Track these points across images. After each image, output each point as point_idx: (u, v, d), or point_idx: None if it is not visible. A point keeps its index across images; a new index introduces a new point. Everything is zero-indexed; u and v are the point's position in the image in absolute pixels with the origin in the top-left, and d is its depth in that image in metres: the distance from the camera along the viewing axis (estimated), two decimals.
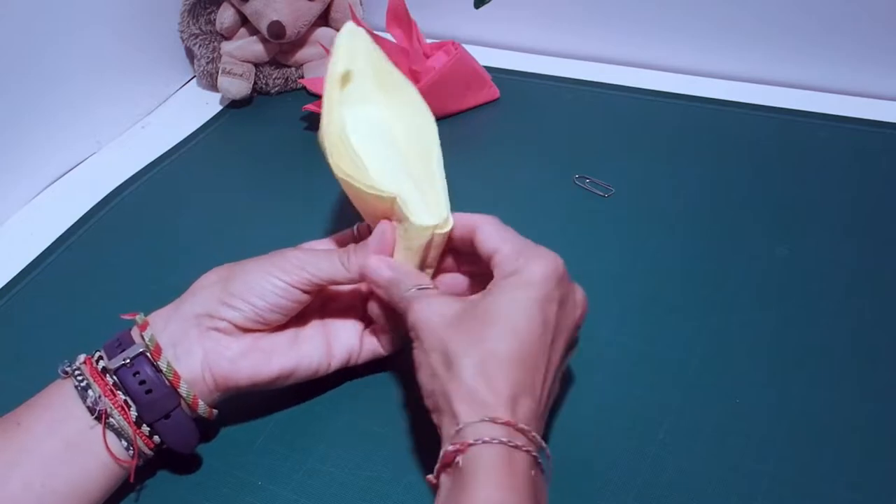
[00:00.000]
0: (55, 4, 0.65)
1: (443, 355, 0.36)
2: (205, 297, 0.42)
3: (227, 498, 0.42)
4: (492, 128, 0.72)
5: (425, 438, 0.44)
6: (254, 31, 0.76)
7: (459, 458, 0.33)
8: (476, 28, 0.84)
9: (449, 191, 0.45)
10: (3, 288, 0.58)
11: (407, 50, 0.68)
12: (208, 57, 0.77)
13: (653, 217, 0.59)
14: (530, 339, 0.36)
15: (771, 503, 0.40)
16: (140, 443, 0.40)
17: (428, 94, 0.69)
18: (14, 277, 0.58)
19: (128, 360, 0.40)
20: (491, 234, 0.40)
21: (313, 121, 0.73)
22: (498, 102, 0.74)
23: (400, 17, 0.70)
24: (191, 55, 0.81)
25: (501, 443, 0.33)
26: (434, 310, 0.38)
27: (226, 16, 0.76)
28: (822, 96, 0.71)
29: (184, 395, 0.40)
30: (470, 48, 0.72)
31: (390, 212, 0.43)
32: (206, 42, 0.77)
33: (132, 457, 0.40)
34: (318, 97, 0.71)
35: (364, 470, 0.43)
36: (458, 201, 0.45)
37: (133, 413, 0.39)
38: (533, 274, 0.37)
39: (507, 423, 0.33)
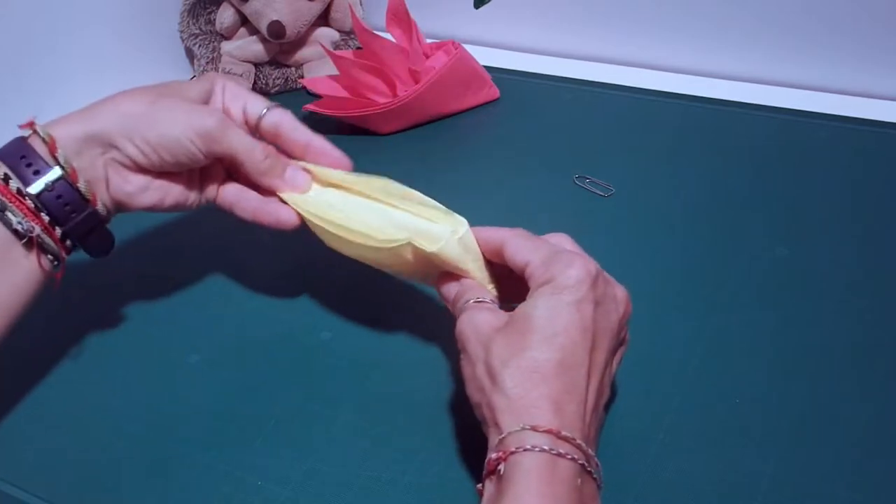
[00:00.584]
0: (55, 4, 0.65)
1: (486, 366, 0.36)
2: (118, 126, 0.43)
3: (227, 498, 0.42)
4: (492, 128, 0.72)
5: (426, 438, 0.44)
6: (254, 31, 0.76)
7: (501, 466, 0.33)
8: (476, 28, 0.84)
9: (449, 192, 0.45)
10: None
11: (407, 50, 0.68)
12: (208, 57, 0.77)
13: (653, 217, 0.59)
14: (569, 344, 0.35)
15: (771, 503, 0.40)
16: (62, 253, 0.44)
17: (428, 94, 0.70)
18: None
19: (50, 184, 0.42)
20: (519, 246, 0.40)
21: (313, 121, 0.73)
22: (498, 102, 0.74)
23: (400, 17, 0.70)
24: (191, 55, 0.81)
25: (543, 450, 0.32)
26: (478, 321, 0.38)
27: (226, 16, 0.76)
28: (822, 96, 0.71)
29: (101, 213, 0.44)
30: (470, 48, 0.72)
31: (417, 255, 0.43)
32: (206, 42, 0.77)
33: (57, 269, 0.44)
34: (318, 97, 0.71)
35: (364, 470, 0.43)
36: (459, 201, 0.45)
37: (58, 231, 0.43)
38: (567, 279, 0.36)
39: (548, 431, 0.33)
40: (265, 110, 0.48)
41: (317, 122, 0.73)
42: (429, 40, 0.74)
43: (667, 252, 0.55)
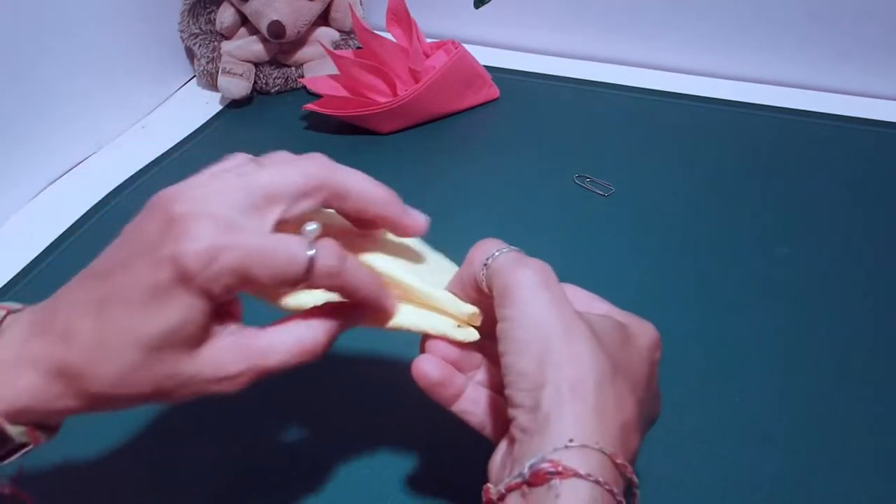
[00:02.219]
0: (56, 5, 0.65)
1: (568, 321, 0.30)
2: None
3: (228, 497, 0.42)
4: (492, 128, 0.72)
5: (426, 436, 0.44)
6: (254, 30, 0.76)
7: (556, 483, 0.27)
8: (476, 28, 0.84)
9: (449, 192, 0.45)
10: (2, 287, 0.58)
11: (407, 50, 0.68)
12: (208, 56, 0.77)
13: (653, 217, 0.59)
14: (647, 390, 0.33)
15: (771, 502, 0.40)
16: None
17: (428, 94, 0.70)
18: (14, 277, 0.58)
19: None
20: (577, 296, 0.36)
21: (313, 120, 0.73)
22: (498, 102, 0.74)
23: (400, 17, 0.70)
24: (191, 55, 0.81)
25: (608, 490, 0.28)
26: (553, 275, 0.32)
27: (226, 15, 0.76)
28: (823, 96, 0.71)
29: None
30: (470, 48, 0.72)
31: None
32: (206, 42, 0.77)
33: None
34: (318, 97, 0.71)
35: (364, 468, 0.43)
36: (459, 201, 0.45)
37: None
38: (650, 337, 0.34)
39: (622, 467, 0.29)
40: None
41: (317, 122, 0.73)
42: (429, 40, 0.73)
43: (667, 252, 0.55)
